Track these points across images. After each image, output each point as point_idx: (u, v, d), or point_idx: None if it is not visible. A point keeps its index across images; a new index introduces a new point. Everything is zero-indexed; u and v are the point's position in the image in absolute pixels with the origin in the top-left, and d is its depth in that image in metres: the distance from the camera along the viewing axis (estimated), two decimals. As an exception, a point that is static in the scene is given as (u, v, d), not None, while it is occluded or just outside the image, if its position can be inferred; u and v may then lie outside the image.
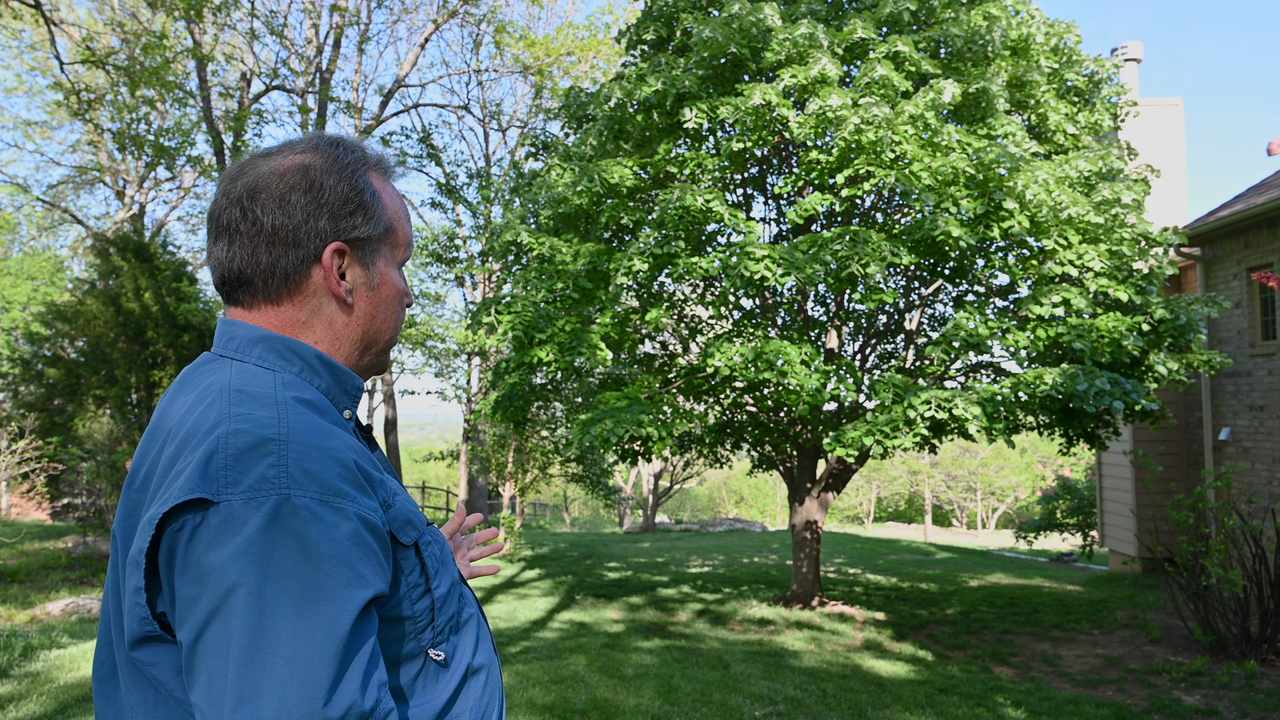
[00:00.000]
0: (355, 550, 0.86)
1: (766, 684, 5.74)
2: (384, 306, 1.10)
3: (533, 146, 10.50)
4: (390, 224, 1.09)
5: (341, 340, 1.07)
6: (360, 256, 1.06)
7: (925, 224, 6.68)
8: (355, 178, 1.06)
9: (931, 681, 6.09)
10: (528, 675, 5.70)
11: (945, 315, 9.93)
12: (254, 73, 14.80)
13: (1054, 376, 6.55)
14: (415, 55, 16.06)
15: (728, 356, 6.89)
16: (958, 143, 7.03)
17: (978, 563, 14.79)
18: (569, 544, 17.33)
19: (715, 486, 42.65)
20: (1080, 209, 6.81)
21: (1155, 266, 7.53)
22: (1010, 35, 7.80)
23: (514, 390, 8.50)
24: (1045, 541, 20.93)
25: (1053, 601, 9.48)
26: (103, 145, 16.66)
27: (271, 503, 0.84)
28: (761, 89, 7.09)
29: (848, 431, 7.01)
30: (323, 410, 0.98)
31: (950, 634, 7.86)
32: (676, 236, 7.32)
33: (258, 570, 0.82)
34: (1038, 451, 33.20)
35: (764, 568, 12.97)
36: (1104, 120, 8.40)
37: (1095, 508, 14.10)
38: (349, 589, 0.84)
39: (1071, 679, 6.32)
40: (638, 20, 9.35)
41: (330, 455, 0.89)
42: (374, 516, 0.90)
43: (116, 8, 16.05)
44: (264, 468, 0.86)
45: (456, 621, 1.03)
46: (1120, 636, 7.65)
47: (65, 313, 12.74)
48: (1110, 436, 8.19)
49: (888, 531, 32.54)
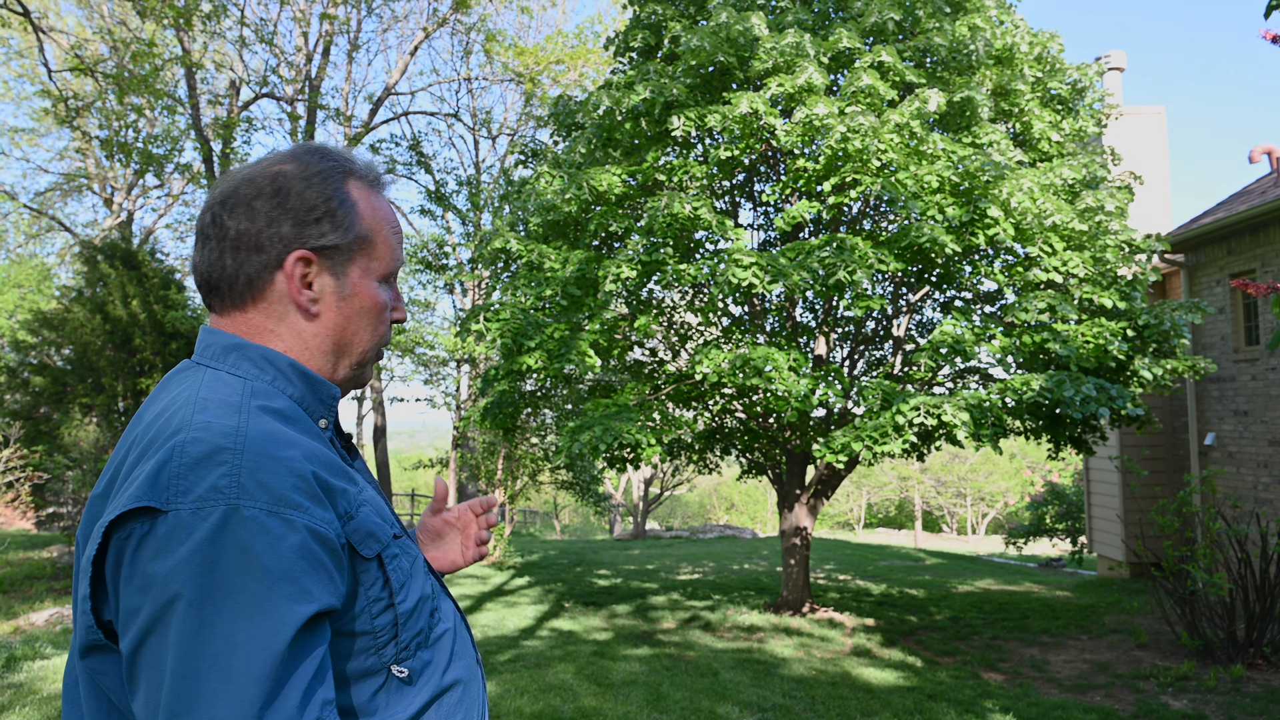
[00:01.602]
0: (300, 564, 0.84)
1: (755, 691, 5.74)
2: (357, 318, 1.07)
3: (522, 154, 10.52)
4: (365, 234, 1.07)
5: (311, 350, 1.05)
6: (329, 265, 1.04)
7: (911, 231, 6.72)
8: (326, 186, 1.04)
9: (921, 688, 6.10)
10: (515, 684, 5.69)
11: (933, 321, 9.98)
12: (243, 80, 14.78)
13: (1040, 382, 6.59)
14: (405, 63, 16.08)
15: (715, 363, 6.90)
16: (943, 150, 7.08)
17: (967, 568, 14.84)
18: (559, 551, 17.29)
19: (706, 493, 42.65)
20: (1064, 216, 6.87)
21: (1139, 273, 7.60)
22: (994, 45, 7.88)
23: (503, 397, 8.49)
24: (1035, 547, 21.04)
25: (1041, 607, 9.52)
26: (90, 152, 16.59)
27: (220, 513, 0.83)
28: (749, 97, 7.13)
29: (836, 437, 7.03)
30: (293, 419, 0.98)
31: (940, 640, 7.88)
32: (665, 244, 7.35)
33: (199, 582, 0.81)
34: (1026, 457, 33.35)
35: (754, 574, 12.97)
36: (1088, 127, 8.48)
37: (1084, 513, 14.17)
38: (290, 604, 0.82)
39: (1060, 684, 6.34)
40: (626, 28, 9.39)
41: (285, 465, 0.88)
42: (326, 529, 0.88)
43: (106, 15, 16.01)
44: (216, 477, 0.85)
45: (426, 637, 1.01)
46: (1108, 641, 7.68)
47: (52, 320, 12.66)
48: (1097, 442, 8.25)
49: (878, 538, 32.59)
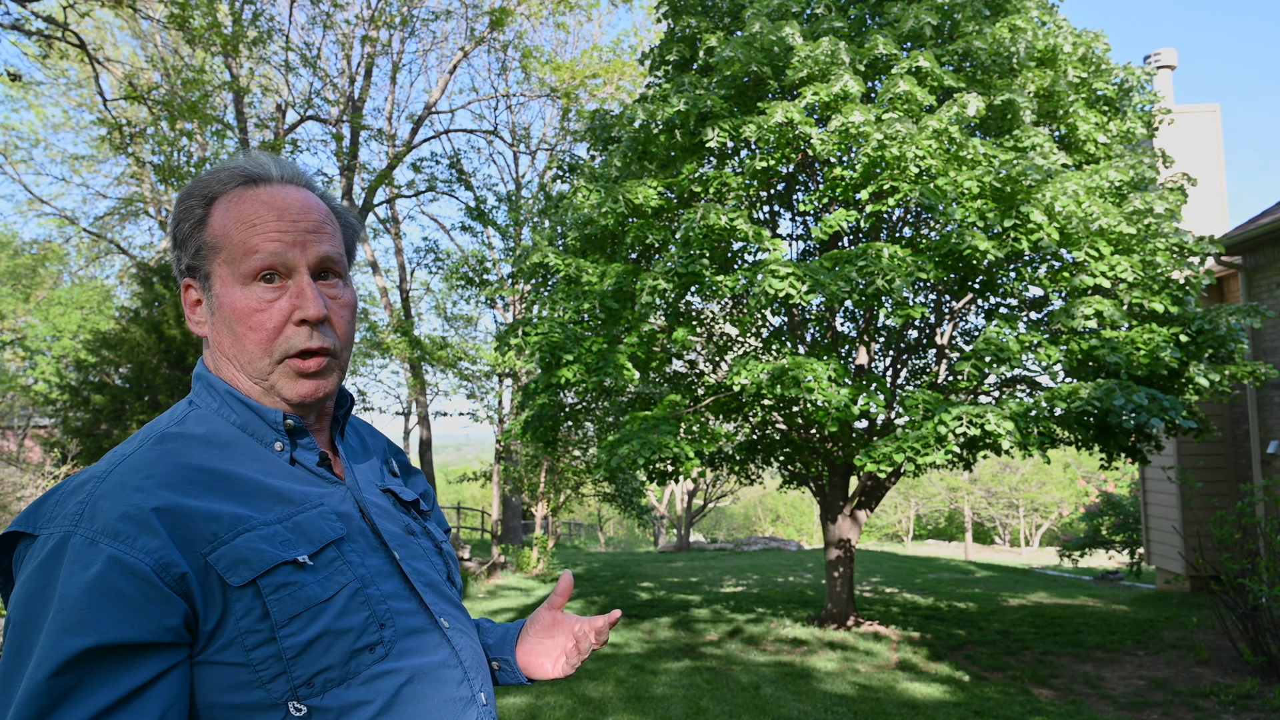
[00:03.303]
0: (90, 595, 0.83)
1: (796, 706, 5.65)
2: (227, 329, 1.02)
3: (560, 169, 10.61)
4: (214, 242, 1.02)
5: (237, 371, 1.04)
6: (201, 284, 1.04)
7: (951, 238, 6.61)
8: (180, 208, 1.04)
9: (967, 703, 5.95)
10: (551, 700, 5.68)
11: (978, 329, 9.79)
12: (289, 104, 15.17)
13: (1088, 391, 6.41)
14: (444, 82, 16.35)
15: (753, 374, 6.85)
16: (983, 155, 6.96)
17: (1019, 581, 14.47)
18: (602, 564, 17.29)
19: (750, 504, 42.31)
20: (1111, 219, 6.69)
21: (1192, 276, 7.36)
22: (1036, 46, 7.73)
23: (543, 410, 8.54)
24: (1091, 559, 20.43)
25: (1097, 621, 9.23)
26: (145, 177, 17.16)
27: (56, 539, 0.87)
28: (783, 107, 7.10)
29: (878, 447, 6.92)
30: (221, 443, 0.99)
31: (988, 655, 7.69)
32: (701, 255, 7.33)
33: (23, 607, 0.85)
34: (1081, 466, 32.45)
35: (799, 587, 12.81)
36: (1136, 129, 8.26)
37: (1140, 524, 13.73)
38: (64, 635, 0.82)
39: (1114, 701, 6.13)
40: (661, 42, 9.43)
41: (128, 493, 0.89)
42: (138, 559, 0.85)
43: (159, 44, 16.58)
44: (72, 504, 0.89)
45: (343, 674, 0.93)
46: (1166, 658, 7.42)
47: (110, 340, 13.10)
48: (1152, 451, 7.99)
49: (927, 550, 31.98)
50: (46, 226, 21.52)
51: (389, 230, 18.48)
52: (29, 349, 20.97)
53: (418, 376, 16.97)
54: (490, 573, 13.07)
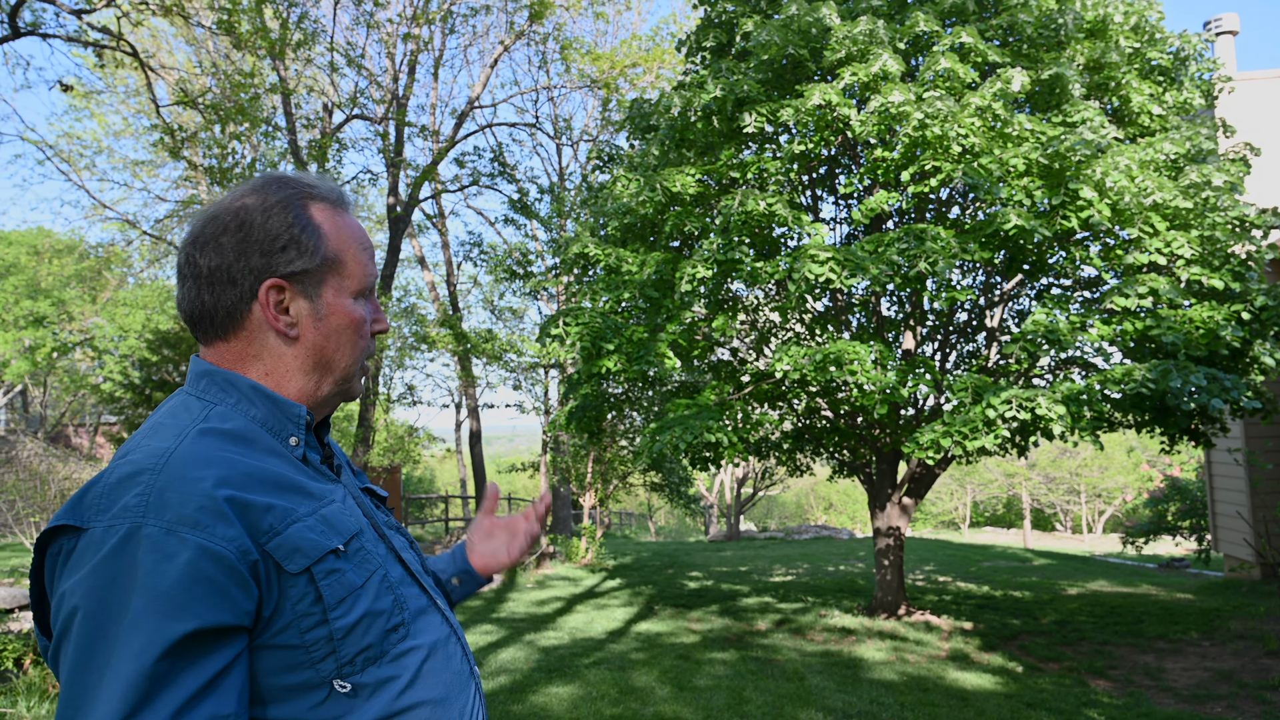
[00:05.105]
0: (184, 581, 0.87)
1: (841, 697, 5.59)
2: (334, 336, 1.12)
3: (600, 159, 10.61)
4: (333, 255, 1.12)
5: (291, 371, 1.10)
6: (302, 290, 1.10)
7: (996, 218, 6.42)
8: (288, 214, 1.09)
9: (1019, 695, 5.82)
10: (596, 688, 5.71)
11: (1029, 311, 9.53)
12: (335, 104, 15.43)
13: (1143, 372, 6.18)
14: (486, 76, 16.45)
15: (794, 359, 6.77)
16: (1029, 131, 6.75)
17: (1079, 569, 14.10)
18: (651, 553, 17.33)
19: (802, 493, 42.00)
20: (1166, 194, 6.43)
21: (1255, 251, 7.04)
22: (1085, 17, 7.45)
23: (587, 401, 8.57)
24: (1156, 546, 19.79)
25: (1159, 610, 8.94)
26: (200, 180, 17.67)
27: (123, 530, 0.89)
28: (821, 89, 6.97)
29: (924, 433, 6.79)
30: (247, 439, 1.03)
31: (1044, 645, 7.50)
32: (741, 242, 7.26)
33: (95, 596, 0.86)
34: (1145, 450, 31.43)
35: (849, 576, 12.67)
36: (1194, 99, 7.92)
37: (1207, 509, 13.25)
38: (164, 621, 0.86)
39: (1176, 694, 5.93)
40: (698, 28, 9.35)
41: (194, 485, 0.92)
42: (223, 547, 0.91)
43: (212, 50, 17.01)
44: (129, 497, 0.90)
45: (379, 652, 1.02)
46: (1233, 648, 7.15)
47: (170, 339, 13.51)
48: (1216, 434, 7.68)
49: (984, 537, 31.36)
50: (110, 230, 22.28)
51: (435, 225, 18.72)
52: (97, 349, 21.82)
53: (465, 369, 17.17)
54: (539, 563, 13.18)
